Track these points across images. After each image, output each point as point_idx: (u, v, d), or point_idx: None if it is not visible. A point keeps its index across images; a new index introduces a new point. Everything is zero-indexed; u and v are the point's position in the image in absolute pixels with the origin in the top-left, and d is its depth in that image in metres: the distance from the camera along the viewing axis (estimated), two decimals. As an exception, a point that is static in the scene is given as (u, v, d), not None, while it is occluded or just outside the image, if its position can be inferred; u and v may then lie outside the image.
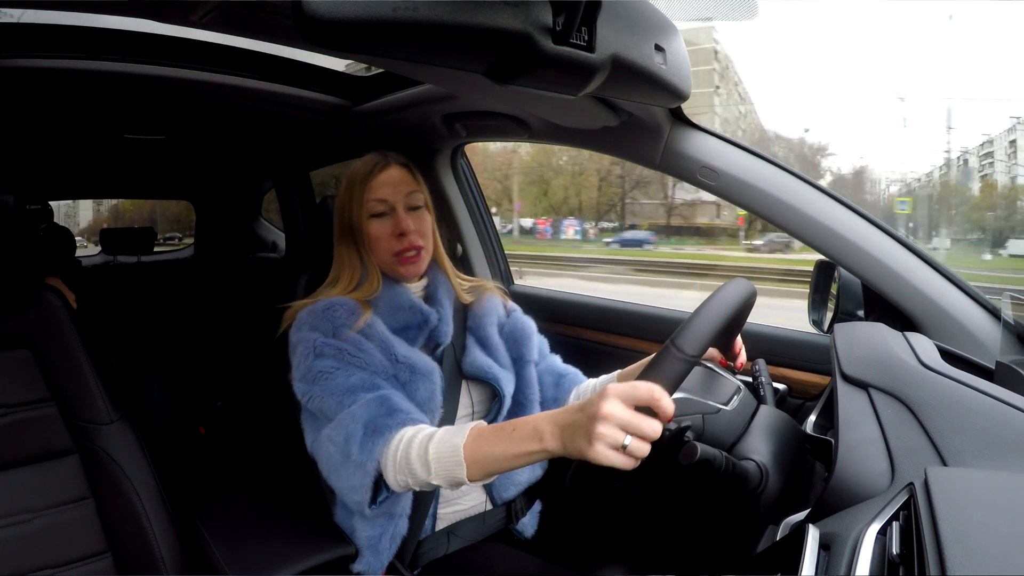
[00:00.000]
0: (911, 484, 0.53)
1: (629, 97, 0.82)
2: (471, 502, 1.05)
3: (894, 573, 0.46)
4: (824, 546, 0.52)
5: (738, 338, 0.93)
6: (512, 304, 1.17)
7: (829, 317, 1.03)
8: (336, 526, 0.99)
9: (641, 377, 0.67)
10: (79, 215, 13.80)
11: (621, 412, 0.60)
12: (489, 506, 1.07)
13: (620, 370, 1.05)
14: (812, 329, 1.10)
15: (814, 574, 0.50)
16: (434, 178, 1.54)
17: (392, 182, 0.98)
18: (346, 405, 0.84)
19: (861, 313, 0.99)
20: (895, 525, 0.50)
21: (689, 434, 0.68)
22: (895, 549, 0.47)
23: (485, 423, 0.78)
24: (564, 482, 0.72)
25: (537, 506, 1.15)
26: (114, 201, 12.05)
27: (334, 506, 1.01)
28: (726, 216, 16.69)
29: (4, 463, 0.92)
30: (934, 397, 0.64)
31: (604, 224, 17.70)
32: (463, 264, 1.62)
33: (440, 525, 1.02)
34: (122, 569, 0.97)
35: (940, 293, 0.91)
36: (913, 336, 0.76)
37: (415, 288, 1.04)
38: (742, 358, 0.94)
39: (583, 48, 0.56)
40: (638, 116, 0.98)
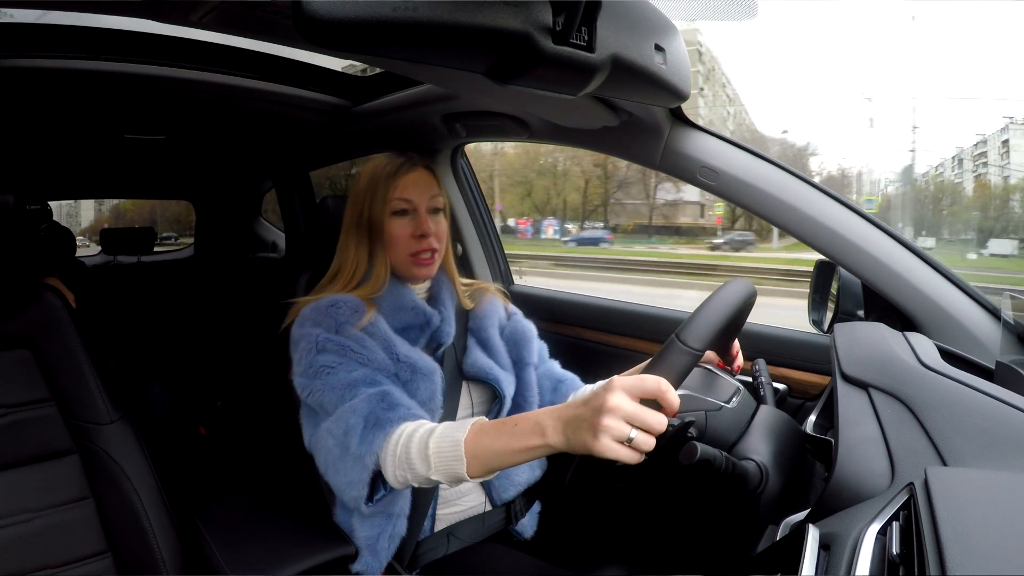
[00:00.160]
0: (911, 484, 0.53)
1: (629, 97, 0.82)
2: (470, 503, 1.05)
3: (894, 573, 0.46)
4: (824, 546, 0.52)
5: (735, 341, 0.93)
6: (513, 307, 1.17)
7: (829, 317, 1.04)
8: (336, 526, 0.99)
9: (646, 371, 0.68)
10: (81, 215, 13.86)
11: (627, 405, 0.60)
12: (488, 507, 1.07)
13: (618, 375, 1.05)
14: (812, 329, 1.10)
15: (814, 574, 0.49)
16: (434, 178, 1.54)
17: (418, 184, 0.98)
18: (346, 400, 0.84)
19: (861, 313, 0.99)
20: (895, 525, 0.50)
21: (692, 430, 0.68)
22: (895, 549, 0.47)
23: (486, 419, 0.77)
24: (564, 482, 0.72)
25: (536, 507, 1.15)
26: (115, 201, 12.09)
27: (334, 506, 1.01)
28: (711, 216, 16.76)
29: (4, 463, 0.92)
30: (934, 397, 0.64)
31: (588, 224, 17.84)
32: (463, 264, 1.63)
33: (439, 526, 1.02)
34: (122, 569, 0.97)
35: (940, 293, 0.91)
36: (913, 336, 0.76)
37: (419, 289, 1.05)
38: (739, 360, 0.94)
39: (583, 48, 0.56)
40: (638, 116, 0.98)
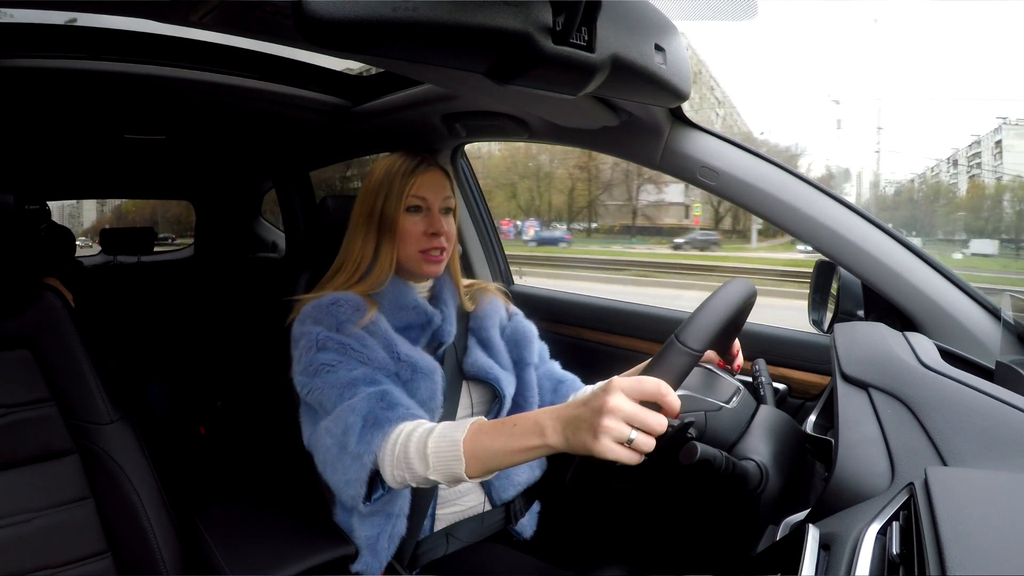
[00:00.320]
0: (911, 484, 0.53)
1: (629, 97, 0.82)
2: (470, 503, 1.05)
3: (894, 573, 0.46)
4: (824, 546, 0.52)
5: (735, 340, 0.93)
6: (514, 308, 1.17)
7: (829, 317, 1.04)
8: (336, 526, 0.99)
9: (646, 372, 0.68)
10: (83, 215, 13.91)
11: (627, 406, 0.60)
12: (488, 507, 1.07)
13: (618, 376, 1.06)
14: (812, 329, 1.10)
15: (814, 574, 0.49)
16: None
17: (434, 184, 0.99)
18: (346, 398, 0.84)
19: (861, 313, 0.99)
20: (895, 525, 0.50)
21: (692, 430, 0.68)
22: (895, 549, 0.47)
23: (485, 419, 0.77)
24: (563, 482, 0.72)
25: (536, 507, 1.15)
26: (117, 201, 12.13)
27: (334, 506, 1.01)
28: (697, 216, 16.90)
29: (4, 463, 0.92)
30: (934, 397, 0.64)
31: (574, 225, 18.28)
32: (463, 264, 1.63)
33: (439, 526, 1.02)
34: (122, 569, 0.97)
35: (940, 293, 0.91)
36: (913, 336, 0.76)
37: (421, 288, 1.05)
38: (739, 360, 0.94)
39: (583, 48, 0.56)
40: (638, 116, 0.98)
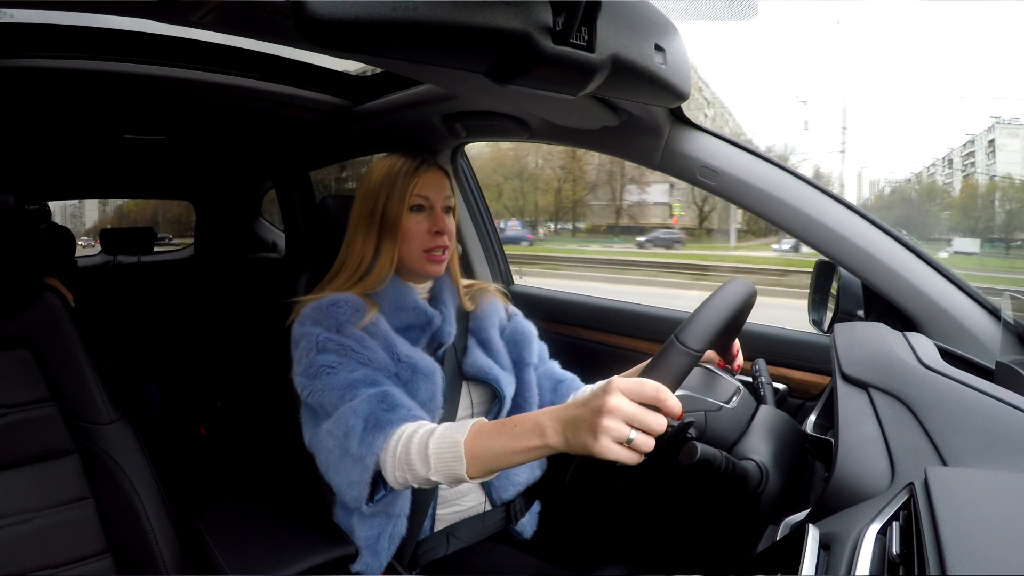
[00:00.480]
0: (911, 484, 0.53)
1: (629, 97, 0.82)
2: (470, 503, 1.05)
3: (894, 573, 0.46)
4: (824, 546, 0.52)
5: (735, 340, 0.93)
6: (513, 308, 1.17)
7: (829, 317, 1.04)
8: (336, 526, 0.99)
9: (645, 372, 0.67)
10: (85, 215, 13.94)
11: (627, 406, 0.60)
12: (488, 507, 1.07)
13: (617, 376, 1.06)
14: (812, 329, 1.10)
15: (814, 574, 0.49)
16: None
17: (436, 183, 1.00)
18: (347, 400, 0.84)
19: (861, 313, 0.99)
20: (895, 525, 0.50)
21: (692, 431, 0.68)
22: (895, 549, 0.47)
23: (486, 420, 0.77)
24: (564, 482, 0.72)
25: (536, 507, 1.15)
26: (119, 202, 12.14)
27: (334, 506, 1.01)
28: (685, 217, 17.01)
29: (4, 463, 0.92)
30: (934, 397, 0.64)
31: (562, 225, 18.58)
32: (463, 264, 1.63)
33: (439, 526, 1.02)
34: (122, 569, 0.97)
35: (940, 293, 0.91)
36: (913, 336, 0.76)
37: (420, 289, 1.05)
38: (739, 360, 0.94)
39: (583, 48, 0.56)
40: (638, 116, 0.98)
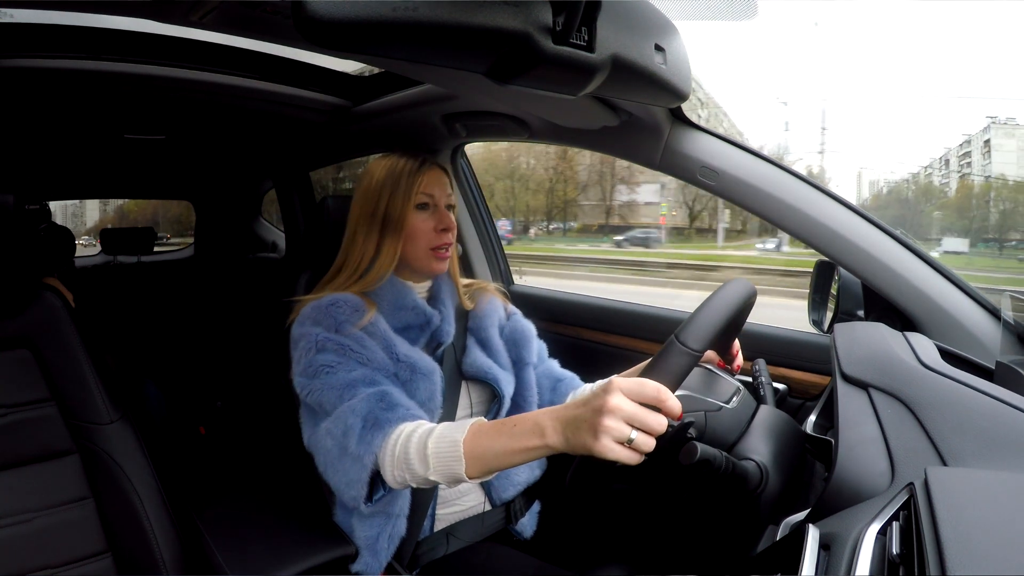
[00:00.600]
0: (911, 484, 0.53)
1: (629, 97, 0.82)
2: (470, 503, 1.05)
3: (894, 573, 0.46)
4: (824, 546, 0.52)
5: (735, 340, 0.93)
6: (513, 308, 1.17)
7: (829, 317, 1.04)
8: (336, 526, 0.99)
9: (645, 372, 0.67)
10: (86, 215, 13.97)
11: (627, 406, 0.60)
12: (488, 507, 1.07)
13: (617, 375, 1.06)
14: (812, 329, 1.10)
15: (814, 574, 0.49)
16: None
17: (438, 181, 1.01)
18: (345, 399, 0.84)
19: (861, 313, 0.99)
20: (895, 525, 0.50)
21: (692, 431, 0.68)
22: (895, 549, 0.47)
23: (485, 420, 0.77)
24: (564, 482, 0.72)
25: (536, 506, 1.15)
26: (120, 202, 12.15)
27: (334, 506, 1.01)
28: (676, 217, 17.04)
29: (4, 463, 0.92)
30: (934, 397, 0.64)
31: (555, 225, 18.83)
32: (463, 264, 1.63)
33: (439, 526, 1.02)
34: (122, 569, 0.97)
35: (940, 293, 0.91)
36: (913, 336, 0.76)
37: (419, 289, 1.05)
38: (739, 360, 0.94)
39: (583, 48, 0.56)
40: (638, 116, 0.98)
